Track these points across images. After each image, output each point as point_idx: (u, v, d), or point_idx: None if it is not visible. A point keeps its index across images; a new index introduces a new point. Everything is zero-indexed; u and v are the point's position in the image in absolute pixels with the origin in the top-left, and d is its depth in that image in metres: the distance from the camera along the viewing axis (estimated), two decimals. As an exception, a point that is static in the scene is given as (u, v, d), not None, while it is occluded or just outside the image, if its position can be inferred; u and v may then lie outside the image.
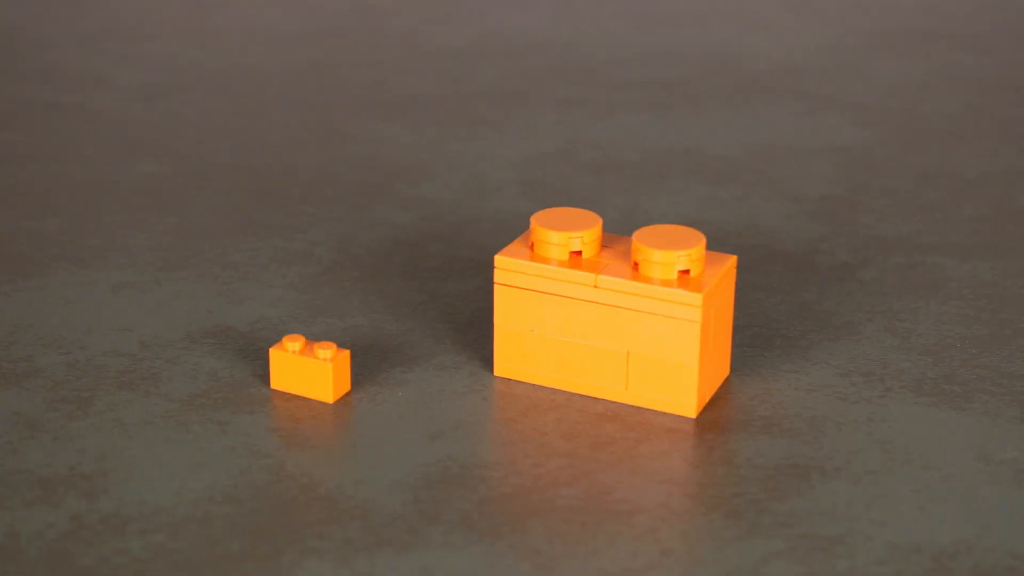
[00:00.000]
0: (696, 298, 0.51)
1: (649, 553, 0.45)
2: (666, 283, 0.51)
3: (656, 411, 0.53)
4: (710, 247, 0.66)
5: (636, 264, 0.52)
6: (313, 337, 0.58)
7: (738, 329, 0.59)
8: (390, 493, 0.48)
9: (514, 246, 0.54)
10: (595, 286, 0.52)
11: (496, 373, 0.55)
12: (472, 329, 0.58)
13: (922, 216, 0.70)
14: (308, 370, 0.53)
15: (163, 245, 0.66)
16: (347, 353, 0.53)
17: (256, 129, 0.81)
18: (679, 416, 0.52)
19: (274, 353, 0.53)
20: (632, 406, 0.53)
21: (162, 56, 0.95)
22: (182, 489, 0.48)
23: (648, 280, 0.51)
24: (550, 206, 0.70)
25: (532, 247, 0.53)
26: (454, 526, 0.46)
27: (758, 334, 0.58)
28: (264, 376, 0.55)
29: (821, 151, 0.78)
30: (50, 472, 0.49)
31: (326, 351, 0.53)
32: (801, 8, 1.08)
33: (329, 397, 0.53)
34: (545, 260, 0.53)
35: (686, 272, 0.52)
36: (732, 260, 0.53)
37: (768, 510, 0.47)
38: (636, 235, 0.52)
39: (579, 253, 0.53)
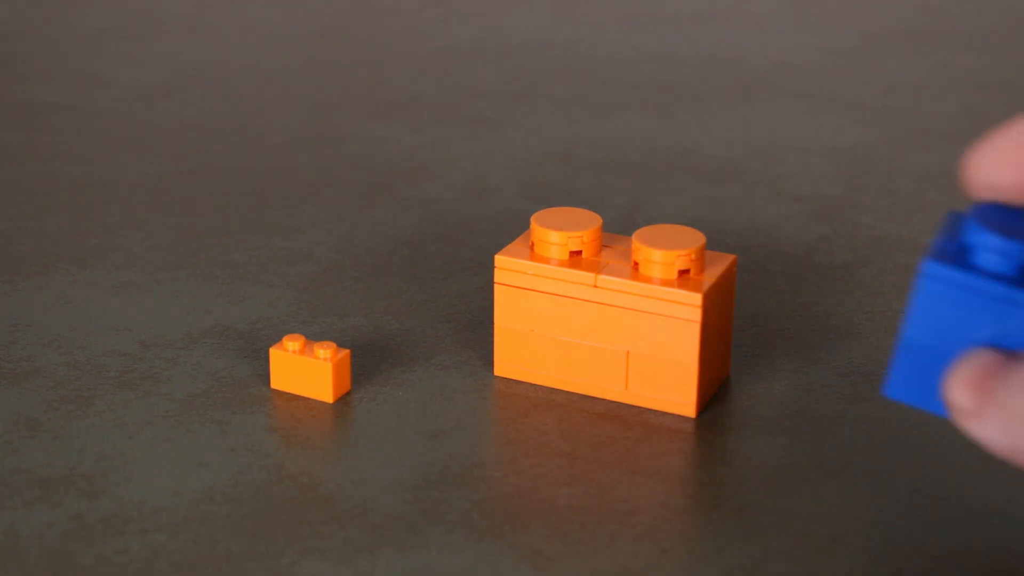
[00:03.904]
0: (696, 298, 0.51)
1: (649, 553, 0.45)
2: (666, 283, 0.51)
3: (656, 411, 0.53)
4: (710, 247, 0.66)
5: (636, 264, 0.52)
6: (313, 337, 0.58)
7: (738, 329, 0.59)
8: (390, 493, 0.48)
9: (514, 246, 0.54)
10: (595, 286, 0.52)
11: (496, 373, 0.55)
12: (472, 329, 0.58)
13: (922, 216, 0.70)
14: (308, 370, 0.53)
15: (163, 245, 0.66)
16: (347, 353, 0.53)
17: (256, 129, 0.81)
18: (679, 416, 0.52)
19: (274, 353, 0.53)
20: (632, 406, 0.53)
21: (162, 56, 0.95)
22: (182, 489, 0.48)
23: (648, 280, 0.51)
24: (550, 206, 0.70)
25: (532, 247, 0.53)
26: (454, 526, 0.46)
27: (758, 334, 0.58)
28: (264, 376, 0.55)
29: (821, 151, 0.78)
30: (50, 472, 0.49)
31: (326, 351, 0.53)
32: (801, 8, 1.08)
33: (329, 397, 0.53)
34: (545, 260, 0.53)
35: (686, 272, 0.52)
36: (732, 260, 0.53)
37: (768, 510, 0.47)
38: (636, 235, 0.52)
39: (579, 253, 0.53)
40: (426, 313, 0.60)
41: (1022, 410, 0.37)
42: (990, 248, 0.40)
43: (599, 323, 0.52)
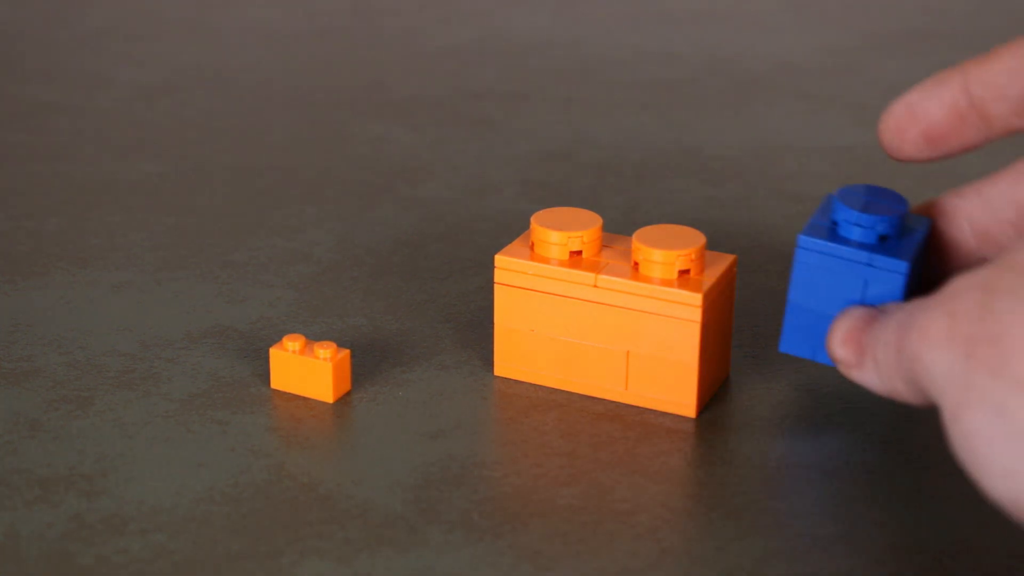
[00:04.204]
0: (696, 298, 0.51)
1: (649, 553, 0.45)
2: (666, 283, 0.51)
3: (656, 411, 0.53)
4: (710, 247, 0.66)
5: (636, 264, 0.52)
6: (313, 337, 0.58)
7: (738, 329, 0.59)
8: (390, 493, 0.48)
9: (514, 246, 0.54)
10: (595, 286, 0.52)
11: (496, 373, 0.55)
12: (472, 329, 0.58)
13: (922, 216, 0.70)
14: (308, 370, 0.53)
15: (163, 245, 0.66)
16: (347, 353, 0.53)
17: (256, 129, 0.81)
18: (679, 416, 0.52)
19: (274, 353, 0.53)
20: (632, 406, 0.53)
21: (162, 56, 0.95)
22: (182, 489, 0.48)
23: (648, 280, 0.51)
24: (550, 206, 0.70)
25: (532, 247, 0.53)
26: (454, 526, 0.46)
27: (758, 334, 0.58)
28: (264, 376, 0.55)
29: (821, 151, 0.78)
30: (50, 472, 0.49)
31: (326, 351, 0.53)
32: (801, 8, 1.08)
33: (329, 397, 0.53)
34: (545, 260, 0.53)
35: (686, 272, 0.52)
36: (732, 260, 0.53)
37: (768, 510, 0.47)
38: (636, 235, 0.52)
39: (579, 253, 0.53)
40: (426, 313, 0.60)
41: (887, 359, 0.44)
42: (852, 222, 0.48)
43: (599, 323, 0.52)
